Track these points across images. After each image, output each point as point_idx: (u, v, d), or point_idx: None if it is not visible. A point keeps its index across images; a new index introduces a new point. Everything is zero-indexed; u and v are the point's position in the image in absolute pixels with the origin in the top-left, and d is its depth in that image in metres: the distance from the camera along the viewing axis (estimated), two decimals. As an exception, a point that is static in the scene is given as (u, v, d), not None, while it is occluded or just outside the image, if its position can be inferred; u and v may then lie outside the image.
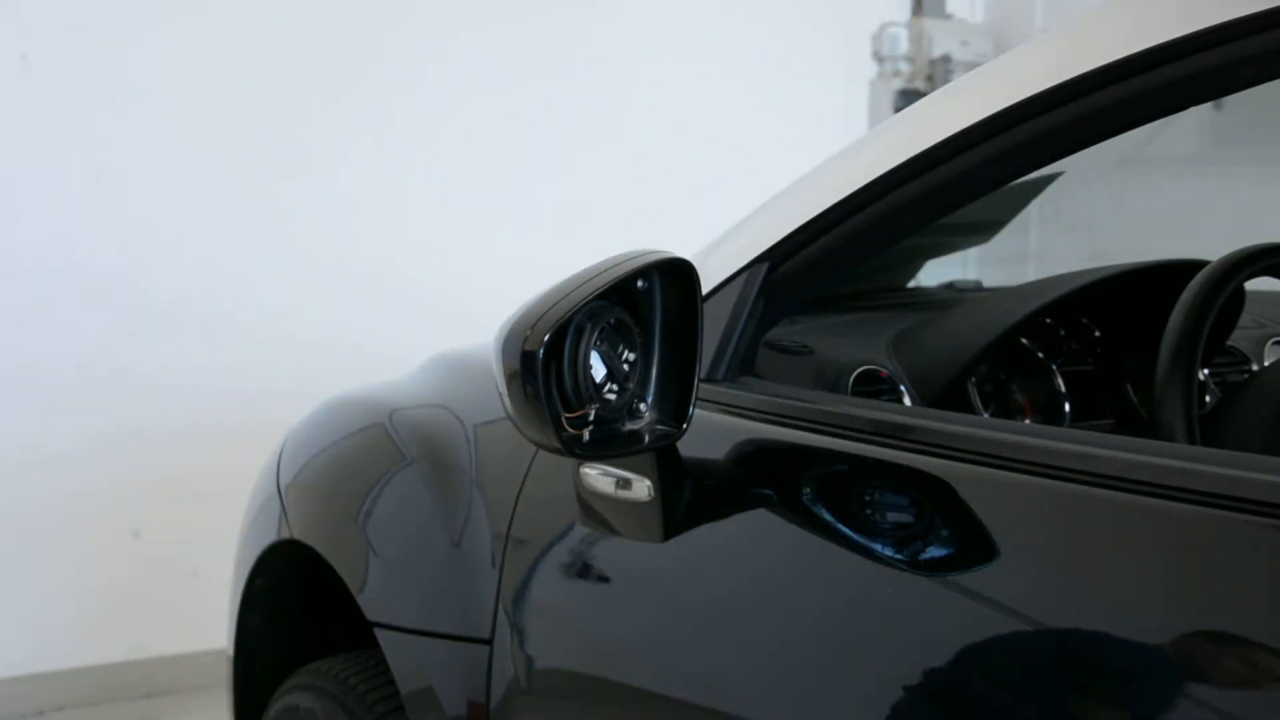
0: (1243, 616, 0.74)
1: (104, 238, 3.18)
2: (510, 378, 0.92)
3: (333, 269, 3.44)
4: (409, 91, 3.57)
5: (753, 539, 1.04)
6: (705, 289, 1.07)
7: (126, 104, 3.19)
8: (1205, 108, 3.40)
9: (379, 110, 3.53)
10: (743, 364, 1.14)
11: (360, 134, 3.51)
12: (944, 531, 0.91)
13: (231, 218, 3.33)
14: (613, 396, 0.98)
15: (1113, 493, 0.80)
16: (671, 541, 1.02)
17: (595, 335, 0.95)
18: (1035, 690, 0.82)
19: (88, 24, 3.13)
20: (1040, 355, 1.59)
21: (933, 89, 2.54)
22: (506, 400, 0.94)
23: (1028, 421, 1.56)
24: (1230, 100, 2.19)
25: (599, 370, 0.96)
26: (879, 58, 4.35)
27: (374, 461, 1.57)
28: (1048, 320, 1.63)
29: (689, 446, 1.03)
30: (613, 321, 0.97)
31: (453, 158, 3.63)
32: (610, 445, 0.98)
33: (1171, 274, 1.48)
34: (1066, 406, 1.57)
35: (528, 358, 0.90)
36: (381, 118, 3.54)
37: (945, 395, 1.43)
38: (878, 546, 0.94)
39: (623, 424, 1.00)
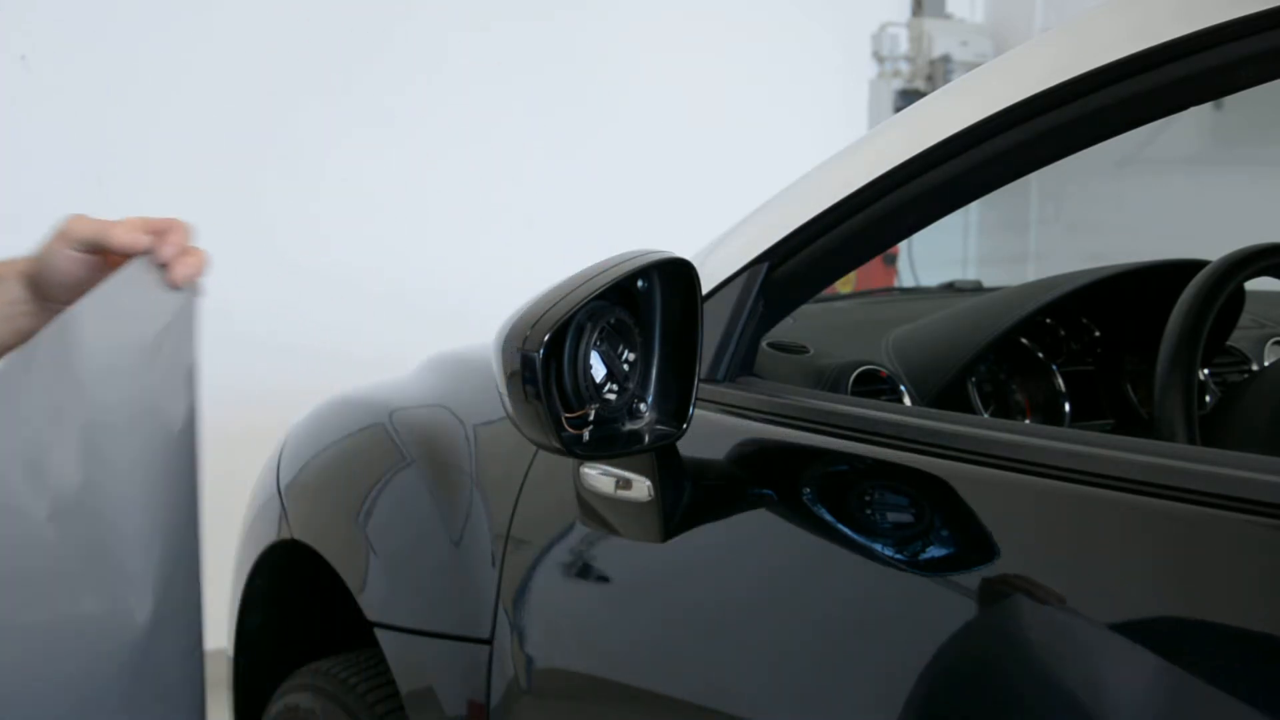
0: (1243, 616, 0.74)
1: (104, 238, 3.18)
2: (510, 378, 0.92)
3: (336, 271, 3.44)
4: (413, 91, 3.57)
5: (753, 539, 1.04)
6: (705, 289, 1.07)
7: (129, 105, 3.19)
8: (1205, 108, 3.40)
9: (380, 111, 3.53)
10: (743, 364, 1.14)
11: (362, 135, 3.51)
12: (944, 531, 0.91)
13: (234, 219, 3.33)
14: (613, 396, 0.98)
15: (1113, 493, 0.80)
16: (671, 541, 1.02)
17: (595, 335, 0.95)
18: (1036, 690, 0.82)
19: (89, 25, 3.13)
20: (1040, 355, 1.59)
21: (933, 89, 2.54)
22: (506, 400, 0.94)
23: (1028, 421, 1.56)
24: (1230, 100, 2.19)
25: (599, 370, 0.96)
26: (879, 58, 4.35)
27: (374, 461, 1.57)
28: (1048, 320, 1.63)
29: (689, 446, 1.03)
30: (613, 321, 0.97)
31: (455, 159, 3.63)
32: (610, 445, 0.98)
33: (1171, 274, 1.48)
34: (1066, 406, 1.57)
35: (528, 358, 0.90)
36: (382, 119, 3.53)
37: (945, 395, 1.43)
38: (878, 547, 0.94)
39: (623, 424, 1.00)
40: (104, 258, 1.05)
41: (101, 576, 1.01)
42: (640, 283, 0.99)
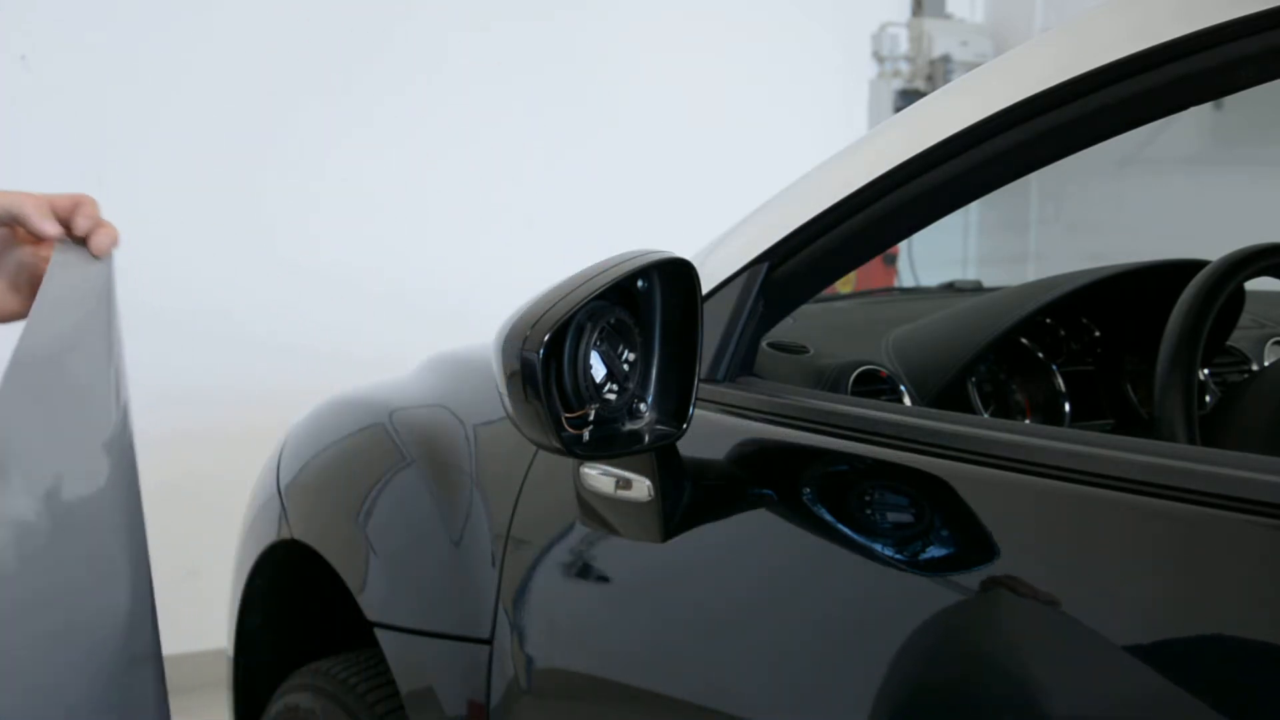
0: (1243, 616, 0.74)
1: (104, 238, 3.18)
2: (510, 378, 0.92)
3: (336, 271, 3.44)
4: (413, 91, 3.57)
5: (753, 539, 1.04)
6: (705, 289, 1.07)
7: (129, 105, 3.19)
8: (1205, 108, 3.40)
9: (380, 111, 3.53)
10: (743, 364, 1.14)
11: (362, 135, 3.51)
12: (944, 531, 0.91)
13: (234, 219, 3.34)
14: (613, 396, 0.98)
15: (1113, 493, 0.80)
16: (671, 541, 1.02)
17: (595, 335, 0.95)
18: (1036, 690, 0.82)
19: (89, 25, 3.13)
20: (1040, 355, 1.59)
21: (933, 89, 2.54)
22: (506, 400, 0.94)
23: (1028, 421, 1.56)
24: (1230, 100, 2.19)
25: (599, 370, 0.96)
26: (879, 58, 4.35)
27: (374, 461, 1.57)
28: (1048, 320, 1.63)
29: (689, 446, 1.03)
30: (613, 321, 0.97)
31: (455, 159, 3.63)
32: (610, 445, 0.98)
33: (1171, 274, 1.49)
34: (1066, 406, 1.57)
35: (528, 358, 0.90)
36: (382, 119, 3.54)
37: (945, 395, 1.43)
38: (878, 547, 0.94)
39: (623, 424, 1.00)
40: (12, 231, 1.04)
41: (59, 594, 1.02)
42: (640, 283, 0.99)
